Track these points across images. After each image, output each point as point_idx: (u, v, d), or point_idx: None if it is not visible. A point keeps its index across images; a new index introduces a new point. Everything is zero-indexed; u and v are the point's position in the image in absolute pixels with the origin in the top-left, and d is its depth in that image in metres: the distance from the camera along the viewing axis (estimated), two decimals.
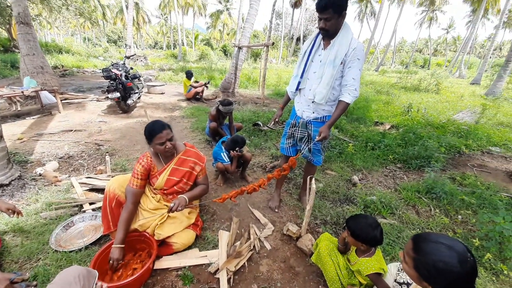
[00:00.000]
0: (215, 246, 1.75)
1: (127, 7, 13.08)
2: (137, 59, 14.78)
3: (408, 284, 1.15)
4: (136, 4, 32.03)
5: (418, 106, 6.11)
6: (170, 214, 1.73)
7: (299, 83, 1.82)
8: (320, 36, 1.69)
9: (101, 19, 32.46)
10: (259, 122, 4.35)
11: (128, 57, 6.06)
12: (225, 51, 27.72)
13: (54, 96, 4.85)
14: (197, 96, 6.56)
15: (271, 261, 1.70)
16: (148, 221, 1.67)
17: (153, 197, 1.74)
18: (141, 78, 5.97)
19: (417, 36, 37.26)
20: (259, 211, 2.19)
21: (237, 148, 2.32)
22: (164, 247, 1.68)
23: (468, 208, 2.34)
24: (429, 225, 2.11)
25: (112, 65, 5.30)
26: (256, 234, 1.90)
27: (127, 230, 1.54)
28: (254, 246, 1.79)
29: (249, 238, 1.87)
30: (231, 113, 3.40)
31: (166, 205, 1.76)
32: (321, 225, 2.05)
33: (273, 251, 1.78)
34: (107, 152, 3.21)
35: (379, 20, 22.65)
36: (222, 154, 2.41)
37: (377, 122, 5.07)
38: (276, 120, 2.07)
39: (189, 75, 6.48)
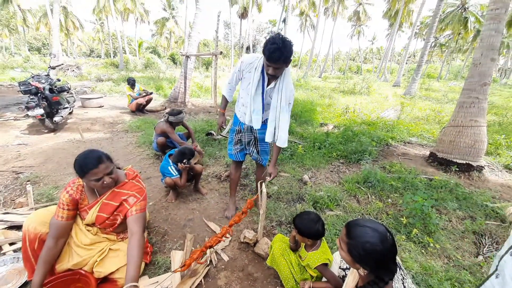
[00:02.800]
0: (168, 269, 1.63)
1: (52, 11, 11.41)
2: (68, 69, 12.95)
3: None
4: (64, 8, 28.32)
5: (354, 107, 6.96)
6: (112, 246, 1.53)
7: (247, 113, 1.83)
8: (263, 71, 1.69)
9: (21, 25, 27.53)
10: (212, 131, 4.29)
11: (53, 68, 5.25)
12: (173, 60, 26.69)
13: None
14: (145, 108, 6.10)
15: (229, 272, 1.67)
16: (84, 259, 1.43)
17: (88, 231, 1.51)
18: (71, 91, 5.24)
19: (349, 46, 42.83)
20: (214, 223, 2.13)
21: (185, 160, 2.22)
22: (107, 284, 1.46)
23: (396, 191, 2.75)
24: (367, 210, 2.40)
25: (33, 77, 4.51)
26: (212, 247, 1.84)
27: (46, 272, 1.30)
28: (210, 261, 1.73)
29: (205, 253, 1.79)
30: (183, 122, 3.27)
31: (106, 238, 1.55)
32: (276, 227, 2.12)
33: (230, 261, 1.75)
34: (28, 181, 2.69)
35: (318, 32, 25.23)
36: (169, 167, 2.27)
37: (322, 123, 5.57)
38: (223, 126, 2.11)
39: (130, 83, 5.93)
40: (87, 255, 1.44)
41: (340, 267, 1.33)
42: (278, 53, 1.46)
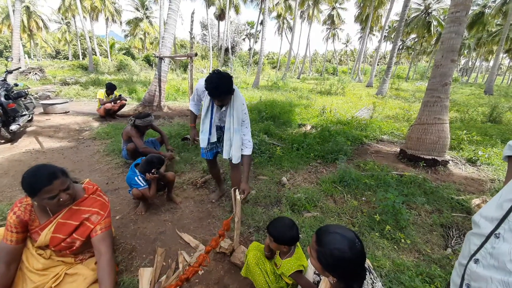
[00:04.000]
0: None
1: (13, 11, 10.39)
2: (30, 72, 11.88)
3: None
4: (27, 8, 26.08)
5: (330, 107, 7.16)
6: (69, 271, 1.37)
7: (208, 139, 2.01)
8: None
9: None
10: (188, 136, 4.14)
11: (10, 72, 4.74)
12: (148, 61, 25.71)
13: None
14: (116, 114, 5.74)
15: (203, 286, 1.58)
16: (38, 285, 1.27)
17: (40, 254, 1.34)
18: (30, 96, 4.77)
19: (325, 49, 44.33)
20: (189, 234, 2.02)
21: (153, 170, 2.08)
22: None
23: (370, 189, 2.84)
24: (343, 210, 2.44)
25: None
26: (186, 260, 1.74)
27: None
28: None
29: (177, 268, 1.69)
30: (152, 125, 3.09)
31: (62, 261, 1.39)
32: (254, 233, 2.06)
33: (205, 274, 1.66)
34: None
35: (295, 34, 25.81)
36: (136, 178, 2.11)
37: (300, 124, 5.65)
38: (196, 139, 2.14)
39: (108, 88, 5.52)
40: (40, 281, 1.29)
41: (314, 273, 1.30)
42: (216, 91, 1.66)
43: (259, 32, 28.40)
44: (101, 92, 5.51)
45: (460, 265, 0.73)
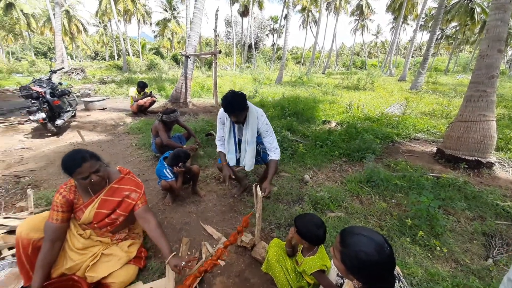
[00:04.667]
0: (162, 275, 1.59)
1: (54, 15, 11.55)
2: (72, 72, 13.14)
3: None
4: (67, 12, 28.70)
5: (358, 103, 6.81)
6: (105, 251, 1.51)
7: (236, 156, 2.20)
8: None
9: (26, 30, 28.04)
10: (212, 132, 4.25)
11: (54, 71, 5.29)
12: (176, 60, 26.78)
13: None
14: (147, 110, 6.10)
15: (225, 278, 1.62)
16: (77, 263, 1.42)
17: (80, 235, 1.49)
18: (73, 94, 5.27)
19: (353, 41, 42.06)
20: (212, 226, 2.09)
21: (180, 164, 2.18)
22: None
23: (401, 191, 2.65)
24: (370, 211, 2.32)
25: (34, 81, 4.56)
26: (209, 251, 1.80)
27: (44, 275, 1.29)
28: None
29: (201, 258, 1.75)
30: (178, 120, 3.23)
31: (100, 241, 1.54)
32: (275, 230, 2.06)
33: (227, 266, 1.71)
34: (29, 185, 2.70)
35: (320, 27, 24.88)
36: (164, 170, 2.24)
37: (325, 120, 5.46)
38: (232, 177, 2.17)
39: (140, 86, 5.90)
40: (79, 259, 1.43)
41: (338, 275, 1.26)
42: (230, 107, 1.86)
43: (283, 27, 27.91)
44: (133, 90, 5.90)
45: (509, 281, 0.64)
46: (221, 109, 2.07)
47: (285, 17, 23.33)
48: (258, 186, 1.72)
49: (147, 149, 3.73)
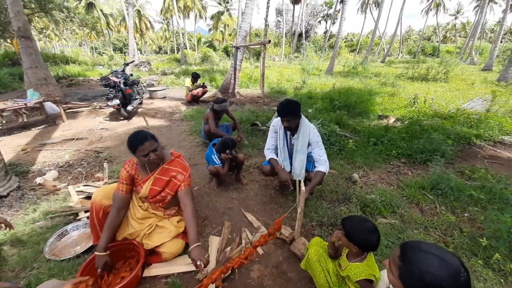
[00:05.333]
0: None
1: (128, 15, 13.25)
2: (141, 65, 15.00)
3: None
4: (138, 11, 32.57)
5: (425, 96, 5.85)
6: (159, 223, 1.70)
7: (290, 163, 2.20)
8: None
9: (106, 28, 33.22)
10: (257, 122, 4.28)
11: (127, 64, 6.12)
12: (227, 52, 27.75)
13: (57, 106, 4.97)
14: (199, 99, 6.56)
15: (262, 266, 1.64)
16: (136, 230, 1.65)
17: (140, 206, 1.72)
18: (140, 84, 6.02)
19: (424, 23, 35.94)
20: (252, 214, 2.13)
21: (227, 151, 2.27)
22: (154, 256, 1.66)
23: (477, 204, 2.20)
24: (433, 223, 1.99)
25: (111, 72, 5.36)
26: (248, 238, 1.85)
27: (109, 237, 1.52)
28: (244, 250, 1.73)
29: (240, 243, 1.81)
30: (227, 110, 3.36)
31: (155, 213, 1.74)
32: (316, 227, 1.97)
33: (265, 255, 1.72)
34: (105, 159, 3.23)
35: (383, 9, 21.99)
36: (213, 156, 2.37)
37: (381, 115, 4.89)
38: (293, 179, 2.09)
39: (193, 77, 6.41)
40: (138, 227, 1.65)
41: None
42: (285, 111, 1.93)
43: (338, 12, 25.72)
44: (188, 81, 6.40)
45: None
46: (276, 118, 2.22)
47: (341, 1, 21.39)
48: (302, 182, 1.65)
49: (198, 135, 4.01)
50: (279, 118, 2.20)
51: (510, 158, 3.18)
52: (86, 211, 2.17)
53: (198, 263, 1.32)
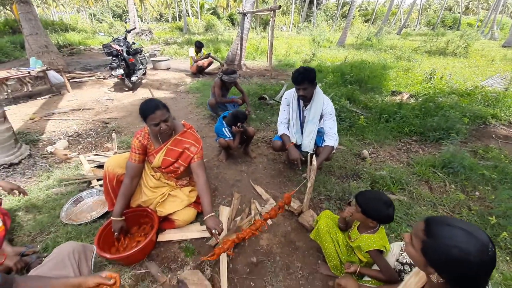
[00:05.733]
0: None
1: None
2: (142, 34, 14.30)
3: (411, 265, 1.09)
4: None
5: (443, 72, 5.53)
6: (171, 192, 1.74)
7: (301, 136, 2.16)
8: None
9: None
10: (265, 96, 4.16)
11: (129, 31, 5.80)
12: (232, 20, 26.11)
13: (61, 75, 4.86)
14: (204, 71, 6.33)
15: (271, 235, 1.70)
16: (150, 198, 1.69)
17: (153, 175, 1.73)
18: (143, 53, 5.78)
19: None
20: (261, 187, 2.16)
21: (238, 124, 2.23)
22: (167, 222, 1.72)
23: (488, 183, 2.17)
24: (442, 201, 2.00)
25: (113, 40, 5.12)
26: (257, 209, 1.89)
27: (124, 204, 1.56)
28: (254, 221, 1.78)
29: (250, 213, 1.86)
30: (236, 83, 3.24)
31: (167, 183, 1.76)
32: (324, 201, 2.00)
33: (274, 226, 1.77)
34: (113, 130, 3.24)
35: None
36: (223, 129, 2.34)
37: (394, 91, 4.69)
38: (302, 158, 2.02)
39: (197, 46, 6.08)
40: (152, 196, 1.69)
41: (398, 260, 1.15)
42: (301, 77, 1.88)
43: None
44: (192, 50, 6.10)
45: None
46: (288, 91, 2.15)
47: None
48: (314, 156, 1.63)
49: (205, 108, 3.94)
50: (291, 90, 2.14)
51: None
52: (98, 179, 2.23)
53: (214, 231, 1.37)
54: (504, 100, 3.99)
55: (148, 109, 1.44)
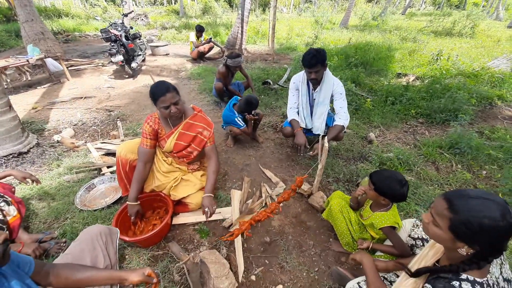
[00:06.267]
0: (228, 204, 1.81)
1: None
2: (138, 18, 13.79)
3: (423, 240, 1.13)
4: None
5: (449, 53, 5.40)
6: (184, 176, 1.76)
7: (311, 119, 2.16)
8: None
9: None
10: (269, 80, 4.09)
11: (125, 15, 5.60)
12: (229, 2, 25.10)
13: (59, 63, 4.76)
14: (204, 56, 6.17)
15: (282, 216, 1.75)
16: (163, 183, 1.71)
17: (164, 160, 1.75)
18: (142, 38, 5.61)
19: None
20: (270, 171, 2.18)
21: (253, 112, 2.20)
22: (181, 206, 1.75)
23: (494, 163, 2.19)
24: (448, 180, 2.03)
25: (111, 25, 4.94)
26: (268, 192, 1.93)
27: (139, 189, 1.59)
28: (266, 204, 1.83)
29: (261, 196, 1.90)
30: (241, 67, 3.17)
31: (179, 168, 1.78)
32: (333, 183, 2.03)
33: (284, 207, 1.82)
34: (118, 118, 3.22)
35: None
36: (236, 119, 2.29)
37: (400, 73, 4.61)
38: (307, 146, 2.01)
39: (198, 30, 5.88)
40: (165, 180, 1.71)
41: (410, 236, 1.19)
42: (314, 60, 1.83)
43: None
44: (193, 35, 5.91)
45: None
46: (295, 75, 2.13)
47: None
48: (325, 137, 1.63)
49: (208, 94, 3.89)
50: (299, 74, 2.11)
51: None
52: (108, 167, 2.25)
53: (206, 209, 1.47)
54: (510, 81, 3.94)
55: (159, 91, 1.43)
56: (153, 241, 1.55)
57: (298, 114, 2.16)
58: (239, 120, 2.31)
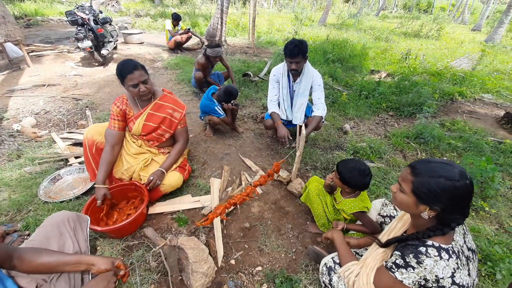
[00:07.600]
0: (207, 192, 1.79)
1: None
2: (108, 4, 12.82)
3: (391, 217, 1.22)
4: None
5: (417, 53, 5.80)
6: (154, 158, 1.70)
7: (291, 110, 2.20)
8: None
9: None
10: (249, 72, 4.07)
11: None
12: None
13: (19, 48, 4.27)
14: (182, 46, 5.94)
15: (262, 203, 1.77)
16: (132, 165, 1.62)
17: (134, 142, 1.67)
18: (113, 24, 5.23)
19: None
20: (250, 160, 2.19)
21: (232, 101, 2.17)
22: (153, 191, 1.63)
23: (454, 151, 2.42)
24: None
25: (77, 7, 4.54)
26: (248, 180, 1.94)
27: (107, 170, 1.51)
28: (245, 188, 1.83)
29: (240, 184, 1.90)
30: (221, 57, 3.10)
31: (149, 150, 1.71)
32: (311, 171, 2.10)
33: (264, 194, 1.84)
34: (87, 107, 3.00)
35: None
36: (216, 108, 2.25)
37: (373, 70, 4.85)
38: (288, 137, 2.01)
39: (174, 18, 5.63)
40: (134, 162, 1.63)
41: (379, 214, 1.28)
42: (296, 49, 1.84)
43: None
44: (169, 23, 5.65)
45: None
46: (275, 68, 2.13)
47: None
48: (302, 126, 1.67)
49: (186, 85, 3.77)
50: (279, 66, 2.13)
51: (487, 114, 3.42)
52: (76, 157, 2.10)
53: (151, 177, 1.50)
54: (470, 79, 4.34)
55: (126, 68, 1.39)
56: (128, 231, 1.48)
57: (278, 106, 2.17)
58: (219, 109, 2.27)
